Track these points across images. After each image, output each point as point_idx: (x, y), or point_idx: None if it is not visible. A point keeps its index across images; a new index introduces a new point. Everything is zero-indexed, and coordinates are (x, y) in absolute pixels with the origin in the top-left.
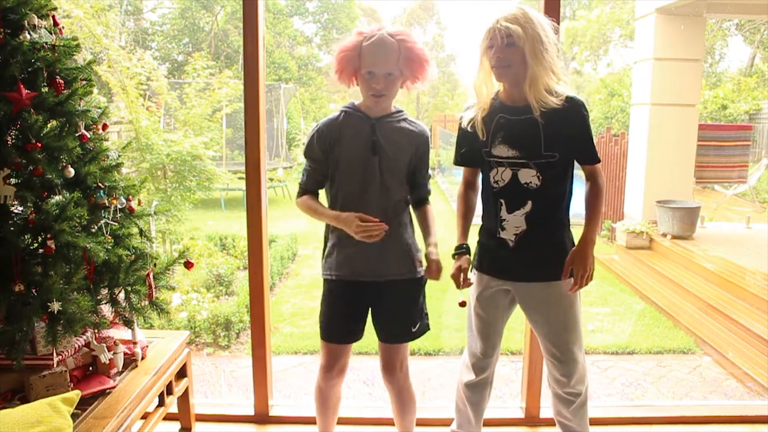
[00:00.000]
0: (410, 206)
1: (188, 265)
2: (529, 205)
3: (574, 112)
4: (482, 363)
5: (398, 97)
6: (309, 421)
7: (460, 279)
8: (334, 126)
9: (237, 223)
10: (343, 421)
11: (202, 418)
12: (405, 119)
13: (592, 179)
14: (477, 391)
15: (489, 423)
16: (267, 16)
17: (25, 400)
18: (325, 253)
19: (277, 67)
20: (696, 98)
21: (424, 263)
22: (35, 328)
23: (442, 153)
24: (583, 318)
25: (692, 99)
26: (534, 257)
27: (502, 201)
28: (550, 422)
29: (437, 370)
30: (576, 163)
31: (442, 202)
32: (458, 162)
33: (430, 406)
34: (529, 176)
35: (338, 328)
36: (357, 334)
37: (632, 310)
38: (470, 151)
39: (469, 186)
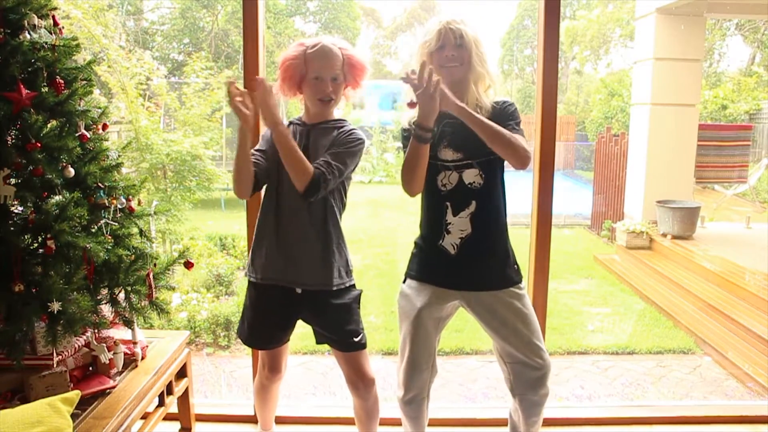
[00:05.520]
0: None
1: (188, 265)
2: (473, 206)
3: (505, 106)
4: (416, 379)
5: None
6: (309, 421)
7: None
8: None
9: (237, 223)
10: (341, 421)
11: (202, 418)
12: (341, 127)
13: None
14: (414, 407)
15: (490, 423)
16: (267, 15)
17: (25, 400)
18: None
19: (278, 67)
20: (696, 98)
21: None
22: (35, 328)
23: None
24: (584, 318)
25: (692, 99)
26: (479, 265)
27: (448, 204)
28: (550, 422)
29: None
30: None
31: None
32: None
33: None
34: (472, 176)
35: (259, 333)
36: (280, 341)
37: (632, 310)
38: None
39: None
